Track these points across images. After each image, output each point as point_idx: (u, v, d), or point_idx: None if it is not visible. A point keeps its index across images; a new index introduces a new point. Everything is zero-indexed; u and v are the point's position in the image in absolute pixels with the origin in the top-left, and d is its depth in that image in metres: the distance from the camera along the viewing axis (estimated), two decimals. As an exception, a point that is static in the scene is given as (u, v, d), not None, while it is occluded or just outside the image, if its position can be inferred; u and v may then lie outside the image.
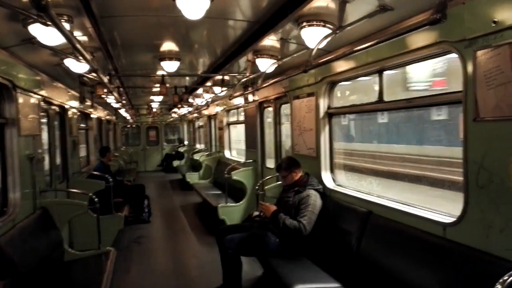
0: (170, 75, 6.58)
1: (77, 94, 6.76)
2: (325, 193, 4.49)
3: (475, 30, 2.36)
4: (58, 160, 5.93)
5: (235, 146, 9.86)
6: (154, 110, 16.90)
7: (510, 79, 2.15)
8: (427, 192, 6.11)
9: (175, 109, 15.50)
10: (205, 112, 12.48)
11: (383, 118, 8.31)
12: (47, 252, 4.01)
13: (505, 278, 1.72)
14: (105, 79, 4.83)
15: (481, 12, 2.31)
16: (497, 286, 1.67)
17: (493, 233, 2.34)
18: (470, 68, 2.43)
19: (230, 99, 7.89)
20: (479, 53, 2.34)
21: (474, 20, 2.37)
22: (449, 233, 2.70)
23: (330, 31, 3.20)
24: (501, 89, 2.21)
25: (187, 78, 7.99)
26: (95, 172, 6.84)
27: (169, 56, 5.22)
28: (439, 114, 6.05)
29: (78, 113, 7.17)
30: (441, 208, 3.01)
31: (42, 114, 4.90)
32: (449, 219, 2.74)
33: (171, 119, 18.96)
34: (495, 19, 2.20)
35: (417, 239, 2.96)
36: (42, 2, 1.56)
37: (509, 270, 1.77)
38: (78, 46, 2.66)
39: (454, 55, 2.60)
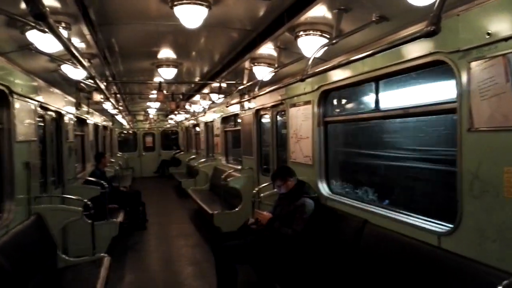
0: (168, 82, 6.61)
1: (73, 100, 6.75)
2: (321, 201, 4.49)
3: (469, 41, 2.39)
4: (53, 166, 5.89)
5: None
6: (151, 116, 16.90)
7: (504, 90, 2.17)
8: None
9: (172, 116, 15.52)
10: (202, 119, 12.49)
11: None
12: (41, 258, 3.97)
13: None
14: (102, 86, 4.84)
15: (475, 24, 2.34)
16: None
17: (487, 243, 2.35)
18: (464, 78, 2.45)
19: (227, 106, 7.91)
20: (473, 64, 2.37)
21: (468, 32, 2.40)
22: (444, 243, 2.71)
23: (326, 40, 3.23)
24: (495, 100, 2.23)
25: (184, 85, 8.02)
26: (91, 178, 6.81)
27: (167, 63, 5.26)
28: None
29: (75, 119, 7.15)
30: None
31: (38, 119, 4.89)
32: (443, 229, 2.75)
33: (168, 125, 18.96)
34: (489, 31, 2.23)
35: (412, 248, 2.96)
36: (41, 10, 1.57)
37: (503, 279, 1.77)
38: (76, 53, 2.67)
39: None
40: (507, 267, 2.19)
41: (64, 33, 3.02)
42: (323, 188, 4.64)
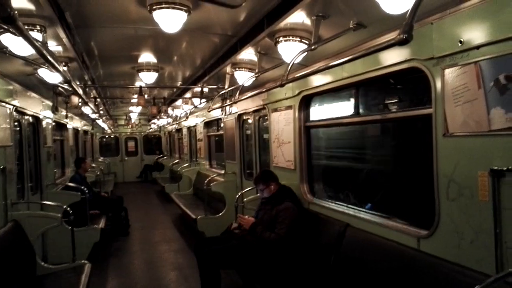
0: (148, 86, 6.55)
1: (51, 104, 6.62)
2: (303, 206, 4.51)
3: (442, 49, 2.45)
4: (31, 172, 5.76)
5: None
6: (133, 121, 16.74)
7: (476, 96, 2.23)
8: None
9: (155, 120, 15.41)
10: (185, 123, 12.43)
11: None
12: (19, 266, 3.88)
13: (476, 289, 1.75)
14: (79, 90, 4.75)
15: (449, 32, 2.39)
16: None
17: (464, 244, 2.39)
18: (438, 85, 2.51)
19: (209, 111, 7.88)
20: (447, 71, 2.42)
21: (442, 40, 2.46)
22: (423, 245, 2.75)
23: (306, 46, 3.25)
24: (468, 106, 2.29)
25: (166, 89, 7.97)
26: (71, 184, 6.68)
27: (147, 67, 5.22)
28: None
29: (53, 123, 7.01)
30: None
31: (15, 124, 4.78)
32: (422, 232, 2.79)
33: (151, 130, 18.80)
34: (461, 39, 2.29)
35: (393, 251, 3.00)
36: (9, 13, 1.53)
37: (480, 281, 1.80)
38: (49, 56, 2.61)
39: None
40: (484, 269, 2.24)
41: (39, 36, 2.96)
42: (305, 192, 4.66)
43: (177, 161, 13.88)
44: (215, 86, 6.32)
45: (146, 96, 7.44)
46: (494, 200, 2.16)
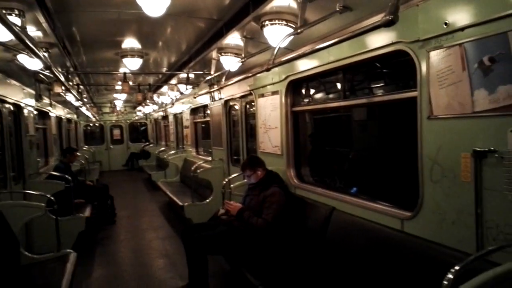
0: (133, 72, 6.44)
1: (33, 92, 6.46)
2: (290, 190, 4.54)
3: (428, 31, 2.46)
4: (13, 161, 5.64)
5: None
6: (118, 108, 16.49)
7: (461, 78, 2.26)
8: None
9: (140, 107, 15.22)
10: (171, 110, 12.31)
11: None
12: (2, 256, 3.82)
13: (456, 268, 1.80)
14: (61, 77, 4.64)
15: (434, 14, 2.40)
16: (448, 275, 1.74)
17: (446, 225, 2.45)
18: (424, 68, 2.53)
19: (195, 97, 7.81)
20: (432, 53, 2.44)
21: (427, 22, 2.47)
22: (406, 227, 2.81)
23: (292, 30, 3.23)
24: (453, 88, 2.32)
25: (151, 75, 7.85)
26: (54, 173, 6.57)
27: (131, 53, 5.12)
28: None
29: (35, 112, 6.85)
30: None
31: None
32: (406, 213, 2.84)
33: (136, 117, 18.58)
34: (446, 21, 2.30)
35: (377, 233, 3.06)
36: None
37: (461, 260, 1.85)
38: (28, 42, 2.53)
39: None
40: (465, 248, 2.30)
41: (17, 20, 2.87)
42: (292, 177, 4.69)
43: (163, 148, 13.78)
44: (201, 72, 6.25)
45: (130, 83, 7.31)
46: (476, 181, 2.21)
